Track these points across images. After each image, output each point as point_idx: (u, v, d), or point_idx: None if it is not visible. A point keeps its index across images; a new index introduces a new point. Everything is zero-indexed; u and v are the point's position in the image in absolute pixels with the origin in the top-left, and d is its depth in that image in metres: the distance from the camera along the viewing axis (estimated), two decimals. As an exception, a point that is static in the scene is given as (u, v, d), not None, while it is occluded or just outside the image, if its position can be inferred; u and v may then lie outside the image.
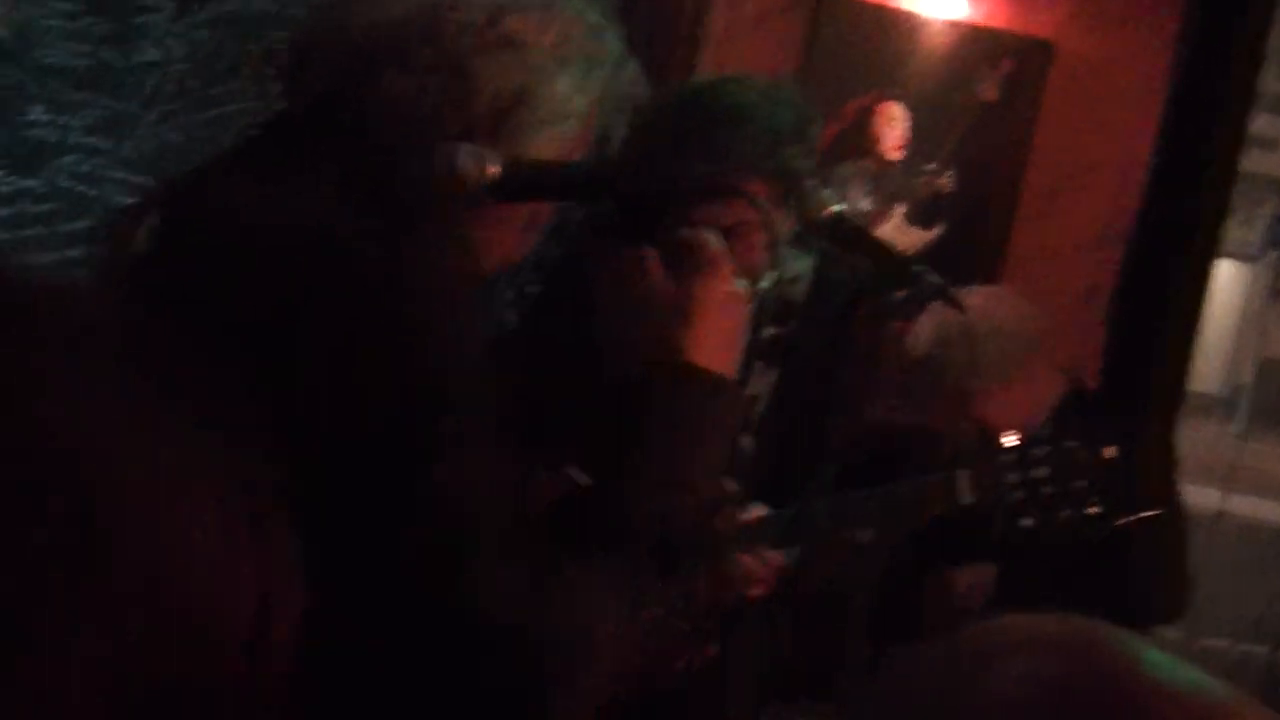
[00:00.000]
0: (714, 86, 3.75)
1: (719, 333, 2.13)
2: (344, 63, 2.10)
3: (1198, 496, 5.36)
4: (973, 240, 5.79)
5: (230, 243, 1.99)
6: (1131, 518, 4.11)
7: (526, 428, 2.12)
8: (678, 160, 3.55)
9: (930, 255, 5.66)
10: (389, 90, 2.06)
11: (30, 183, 5.91)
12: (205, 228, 2.06)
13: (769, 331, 3.84)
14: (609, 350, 2.28)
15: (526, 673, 1.86)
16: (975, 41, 5.78)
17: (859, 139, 5.66)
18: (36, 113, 5.91)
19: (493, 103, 2.08)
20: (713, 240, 2.18)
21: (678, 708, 3.07)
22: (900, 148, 5.70)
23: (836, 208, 3.10)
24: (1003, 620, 1.02)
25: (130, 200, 5.81)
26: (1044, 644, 1.01)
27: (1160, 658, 0.98)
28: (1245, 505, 4.69)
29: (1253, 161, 6.41)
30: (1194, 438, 5.64)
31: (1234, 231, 6.53)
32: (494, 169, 2.06)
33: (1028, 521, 3.73)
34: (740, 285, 2.19)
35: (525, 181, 2.11)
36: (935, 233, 5.76)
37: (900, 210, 5.73)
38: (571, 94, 2.14)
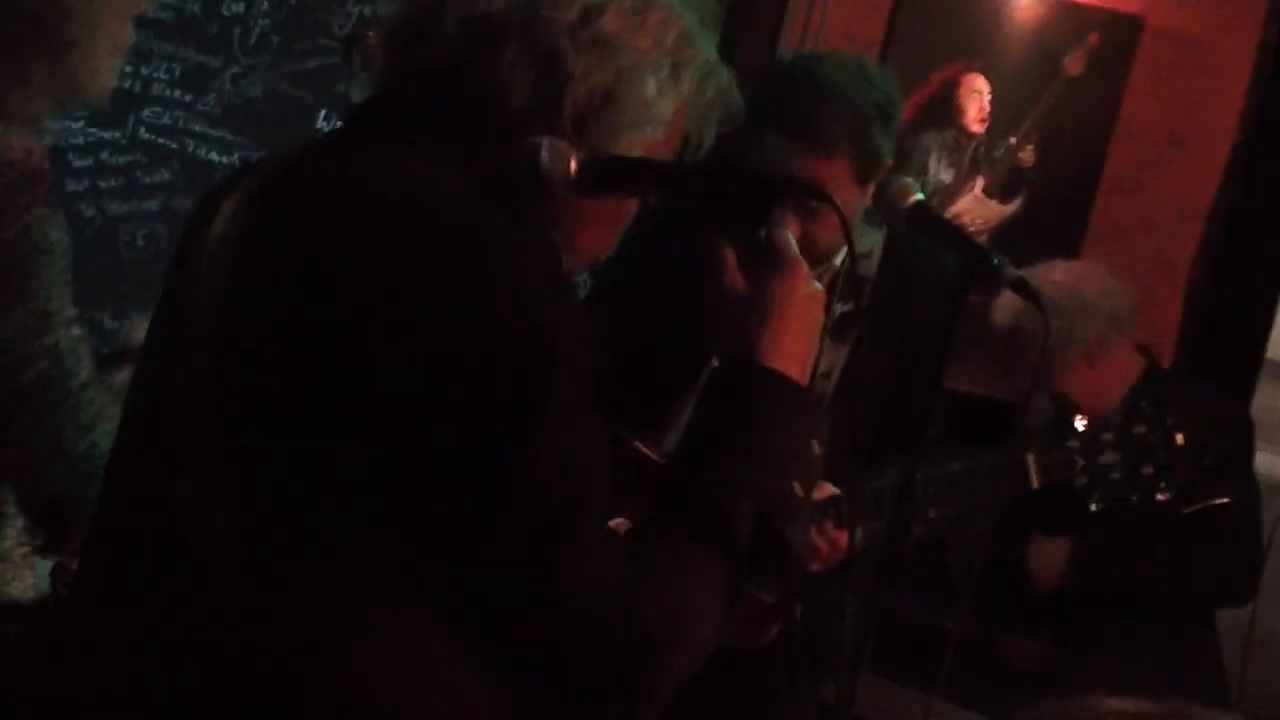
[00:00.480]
0: (805, 62, 3.78)
1: (795, 333, 2.12)
2: (442, 52, 2.10)
3: (1269, 462, 5.32)
4: (1053, 215, 5.75)
5: (342, 209, 1.99)
6: (1199, 505, 4.15)
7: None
8: (767, 135, 3.56)
9: (1009, 228, 5.66)
10: (481, 81, 2.06)
11: (110, 134, 5.93)
12: (314, 196, 2.05)
13: (840, 308, 3.86)
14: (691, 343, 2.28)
15: (627, 657, 1.86)
16: (1062, 15, 5.73)
17: (942, 110, 5.63)
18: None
19: (580, 101, 2.08)
20: (791, 242, 2.17)
21: (757, 674, 3.07)
22: (983, 120, 5.67)
23: (918, 196, 3.10)
24: (1095, 701, 1.01)
25: (215, 157, 5.86)
26: None
27: None
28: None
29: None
30: (1265, 405, 5.61)
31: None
32: (575, 164, 2.05)
33: (1094, 506, 3.77)
34: (816, 286, 2.18)
35: (606, 177, 2.10)
36: (1014, 206, 5.73)
37: (980, 182, 5.71)
38: (658, 98, 2.12)
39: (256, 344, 1.98)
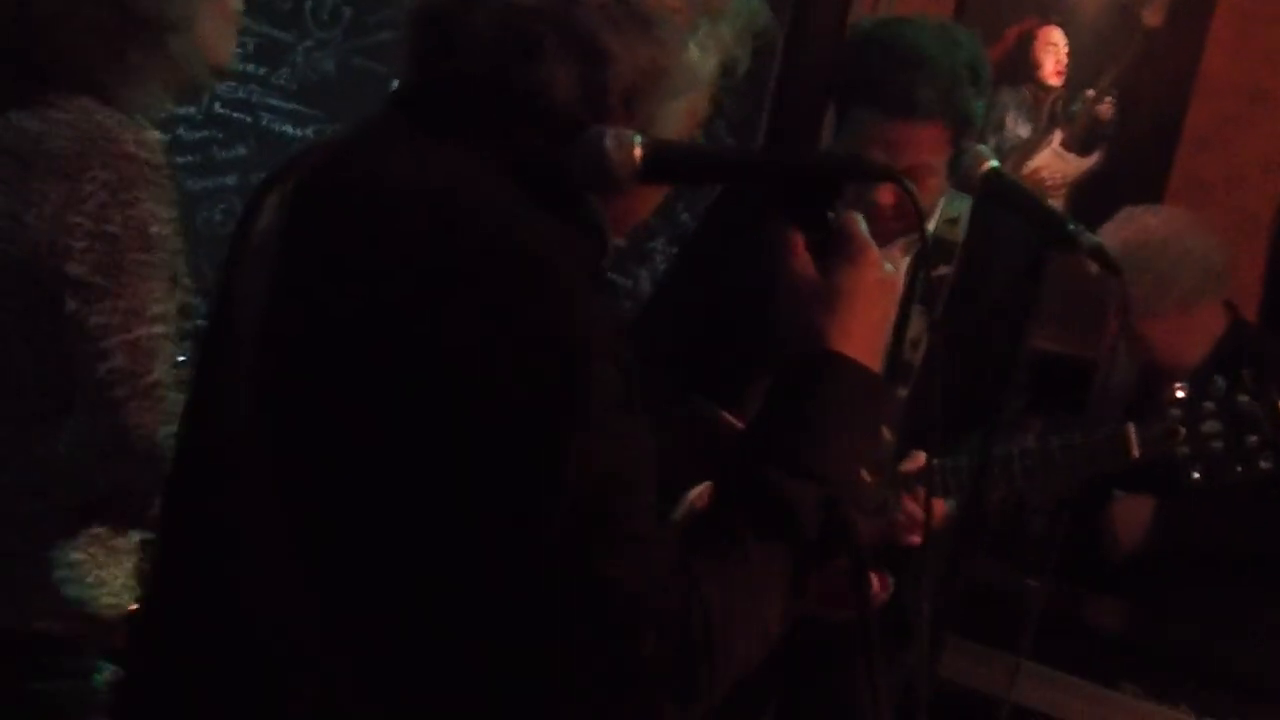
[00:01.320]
0: (889, 28, 3.75)
1: (865, 320, 2.06)
2: (479, 50, 2.06)
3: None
4: (1133, 169, 5.71)
5: (381, 207, 1.97)
6: None
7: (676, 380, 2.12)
8: (855, 108, 3.57)
9: (1088, 182, 5.64)
10: (524, 79, 2.03)
11: (187, 111, 5.96)
12: (352, 194, 2.03)
13: (934, 273, 3.85)
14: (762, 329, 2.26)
15: (689, 645, 1.82)
16: (1140, -35, 5.71)
17: (1019, 64, 5.61)
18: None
19: (625, 81, 2.04)
20: (861, 226, 2.14)
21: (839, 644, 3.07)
22: (1060, 73, 5.65)
23: (992, 163, 3.10)
24: None
25: (289, 130, 5.90)
26: None
27: None
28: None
29: None
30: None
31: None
32: (640, 152, 2.01)
33: (1197, 475, 3.75)
34: (888, 270, 2.14)
35: (672, 165, 2.07)
36: (1093, 160, 5.70)
37: (1059, 136, 5.69)
38: (701, 60, 2.10)
39: (296, 341, 1.98)
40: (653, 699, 1.85)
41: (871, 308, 2.10)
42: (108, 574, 2.84)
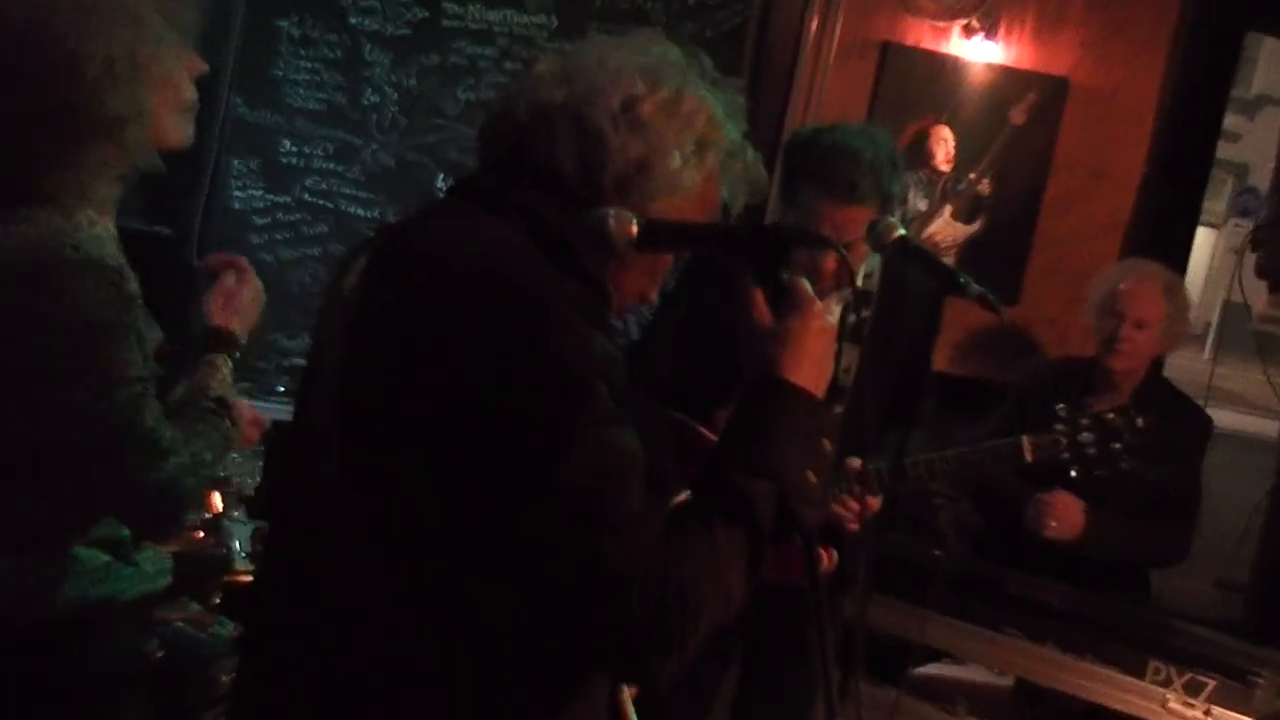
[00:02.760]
0: (832, 132, 3.72)
1: (810, 357, 2.07)
2: (513, 134, 2.12)
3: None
4: (1006, 232, 5.71)
5: (429, 266, 2.01)
6: (1159, 472, 4.17)
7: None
8: (803, 194, 3.57)
9: (973, 244, 5.64)
10: (538, 157, 2.09)
11: (282, 198, 5.94)
12: (410, 257, 2.07)
13: (854, 318, 3.86)
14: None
15: (665, 612, 1.82)
16: (1006, 78, 5.68)
17: (917, 154, 5.61)
18: (286, 146, 5.94)
19: (618, 170, 2.08)
20: (806, 286, 2.15)
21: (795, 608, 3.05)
22: (949, 160, 5.65)
23: (900, 231, 3.12)
24: None
25: (359, 212, 5.87)
26: None
27: None
28: (1217, 416, 4.72)
29: (1221, 151, 6.37)
30: (1177, 364, 5.61)
31: (1206, 205, 6.51)
32: (634, 229, 2.06)
33: (1074, 473, 3.77)
34: (830, 319, 2.15)
35: (661, 237, 2.10)
36: (976, 226, 5.70)
37: (949, 209, 5.69)
38: (682, 169, 2.11)
39: (366, 367, 2.01)
40: (637, 650, 1.85)
41: (815, 347, 2.10)
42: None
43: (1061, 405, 3.78)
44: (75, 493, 2.58)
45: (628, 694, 2.21)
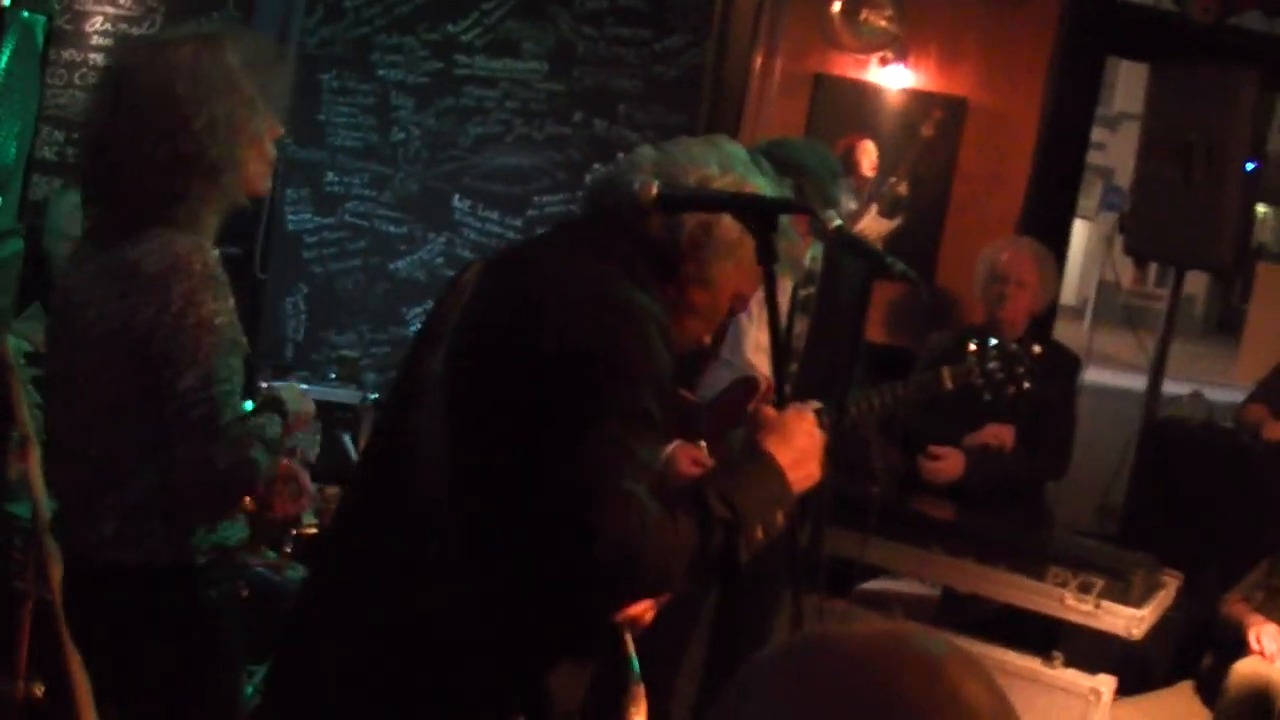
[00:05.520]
0: (782, 146, 3.75)
1: (794, 446, 2.16)
2: (614, 195, 2.18)
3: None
4: (921, 226, 5.75)
5: (540, 288, 2.06)
6: (1048, 393, 4.20)
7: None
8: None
9: (895, 236, 5.66)
10: (632, 216, 2.14)
11: (328, 220, 5.95)
12: (512, 267, 2.16)
13: (803, 293, 3.90)
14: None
15: (622, 582, 1.92)
16: (917, 100, 5.72)
17: (846, 163, 5.61)
18: (330, 177, 5.95)
19: (691, 232, 2.17)
20: (808, 409, 2.26)
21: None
22: (873, 168, 5.66)
23: (837, 223, 3.14)
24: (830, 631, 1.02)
25: (392, 230, 5.87)
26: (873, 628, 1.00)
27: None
28: (1095, 374, 4.76)
29: (1091, 158, 6.44)
30: (1061, 333, 5.67)
31: (1080, 201, 6.57)
32: (655, 189, 2.11)
33: (987, 396, 3.81)
34: (818, 432, 2.23)
35: (678, 200, 2.15)
36: (897, 222, 5.73)
37: (874, 208, 5.71)
38: (739, 239, 2.19)
39: (471, 343, 2.06)
40: (589, 590, 1.94)
41: (800, 441, 2.18)
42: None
43: (972, 341, 3.83)
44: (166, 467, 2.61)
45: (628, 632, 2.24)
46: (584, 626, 2.10)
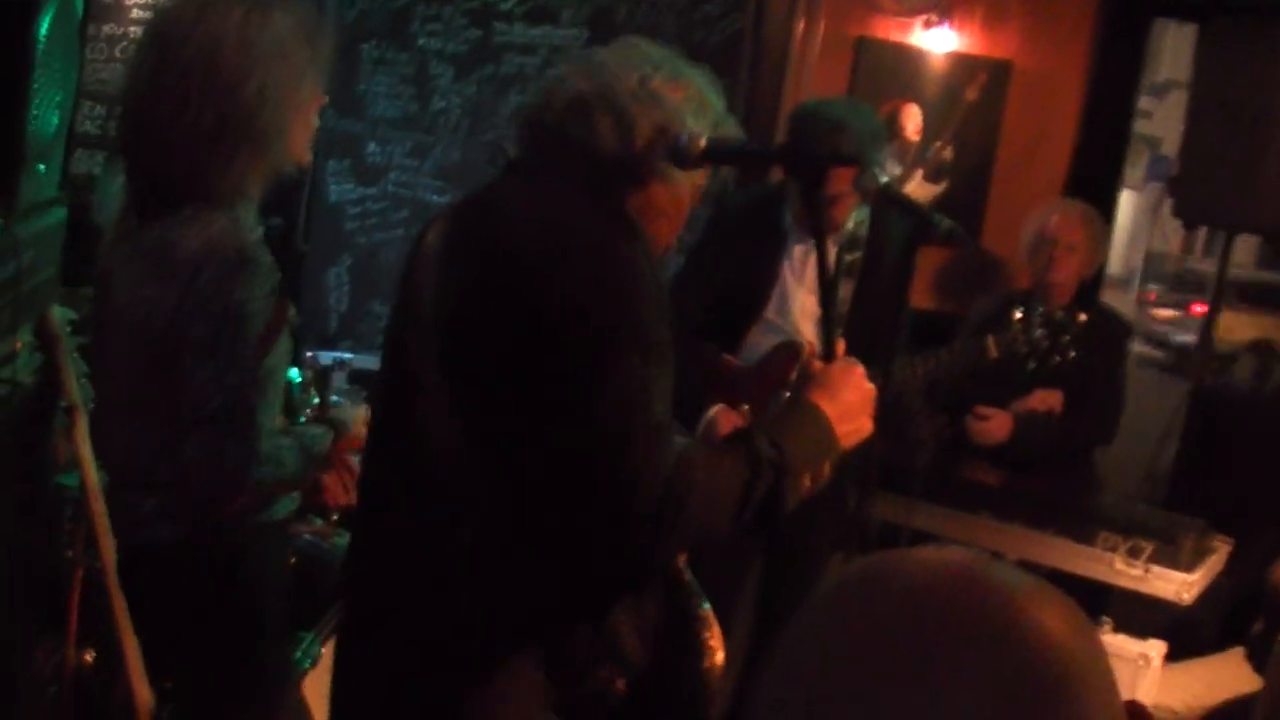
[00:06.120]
0: (827, 105, 3.80)
1: (840, 397, 2.13)
2: (554, 122, 2.12)
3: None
4: (966, 190, 5.67)
5: (500, 221, 2.05)
6: (1096, 359, 4.18)
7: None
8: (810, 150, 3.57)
9: (940, 202, 5.60)
10: (584, 137, 2.09)
11: (370, 190, 5.95)
12: (484, 215, 2.12)
13: (849, 257, 3.87)
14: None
15: (665, 512, 1.87)
16: (962, 62, 5.64)
17: (891, 128, 5.57)
18: (371, 147, 5.94)
19: (644, 135, 2.10)
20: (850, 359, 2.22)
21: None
22: (918, 132, 5.61)
23: (885, 180, 3.11)
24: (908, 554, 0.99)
25: (434, 199, 5.87)
26: (943, 556, 0.96)
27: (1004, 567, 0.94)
28: (1143, 344, 4.73)
29: (1138, 127, 6.39)
30: (1109, 302, 5.61)
31: (1126, 172, 6.53)
32: (704, 143, 2.09)
33: (1032, 364, 3.79)
34: (867, 385, 2.19)
35: (721, 153, 2.14)
36: (942, 187, 5.67)
37: (920, 173, 5.65)
38: (695, 125, 2.13)
39: (460, 312, 2.03)
40: (631, 540, 1.89)
41: (847, 393, 2.15)
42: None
43: (1018, 308, 3.81)
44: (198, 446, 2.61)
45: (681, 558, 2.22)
46: (640, 571, 2.07)
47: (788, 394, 2.21)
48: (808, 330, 3.90)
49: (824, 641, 0.93)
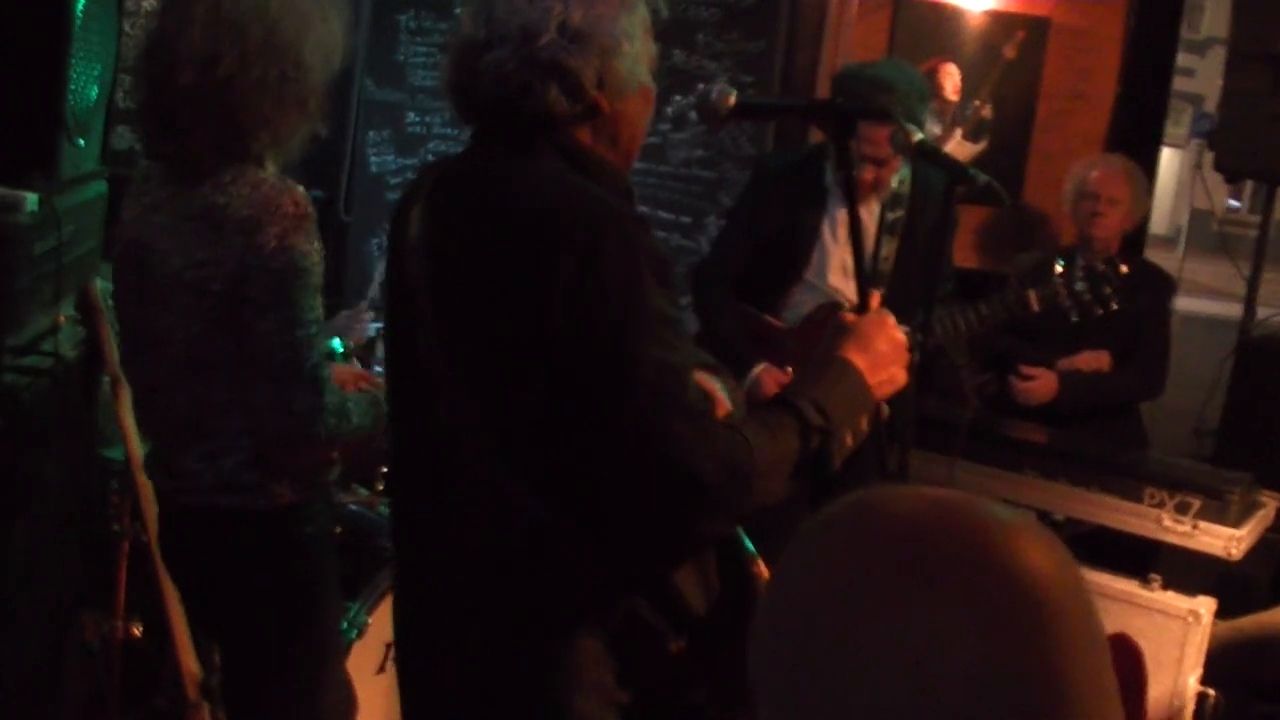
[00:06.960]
0: (872, 66, 3.82)
1: (872, 350, 2.07)
2: (494, 101, 1.98)
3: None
4: (1006, 148, 5.60)
5: (484, 197, 1.94)
6: (1140, 309, 4.22)
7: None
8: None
9: (980, 159, 5.54)
10: (535, 106, 1.95)
11: (410, 160, 5.93)
12: (467, 194, 1.98)
13: (891, 215, 3.86)
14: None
15: (718, 491, 1.82)
16: (999, 20, 5.56)
17: (930, 87, 5.53)
18: (411, 118, 5.93)
19: (592, 80, 1.95)
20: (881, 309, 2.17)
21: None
22: (956, 91, 5.56)
23: (920, 137, 3.08)
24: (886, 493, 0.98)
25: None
26: (928, 492, 0.97)
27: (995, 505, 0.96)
28: (1186, 303, 4.68)
29: (1178, 84, 6.29)
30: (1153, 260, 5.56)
31: (1169, 130, 6.44)
32: (732, 100, 2.06)
33: (1074, 317, 3.76)
34: (899, 335, 2.13)
35: (752, 109, 2.12)
36: (981, 145, 5.61)
37: (959, 132, 5.60)
38: (631, 38, 2.00)
39: (456, 296, 1.93)
40: (710, 508, 1.84)
41: (879, 345, 2.10)
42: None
43: (1060, 263, 3.79)
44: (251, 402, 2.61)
45: None
46: (703, 551, 2.02)
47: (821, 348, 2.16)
48: (846, 288, 3.88)
49: (813, 571, 0.95)
